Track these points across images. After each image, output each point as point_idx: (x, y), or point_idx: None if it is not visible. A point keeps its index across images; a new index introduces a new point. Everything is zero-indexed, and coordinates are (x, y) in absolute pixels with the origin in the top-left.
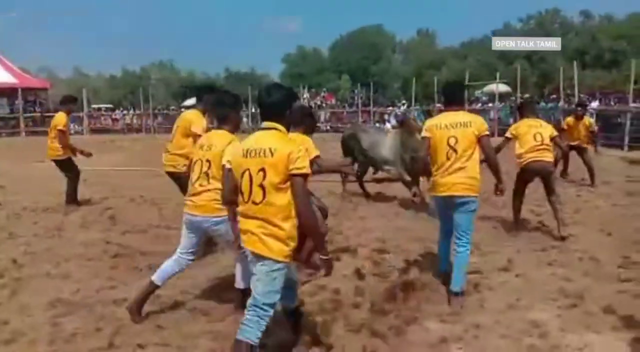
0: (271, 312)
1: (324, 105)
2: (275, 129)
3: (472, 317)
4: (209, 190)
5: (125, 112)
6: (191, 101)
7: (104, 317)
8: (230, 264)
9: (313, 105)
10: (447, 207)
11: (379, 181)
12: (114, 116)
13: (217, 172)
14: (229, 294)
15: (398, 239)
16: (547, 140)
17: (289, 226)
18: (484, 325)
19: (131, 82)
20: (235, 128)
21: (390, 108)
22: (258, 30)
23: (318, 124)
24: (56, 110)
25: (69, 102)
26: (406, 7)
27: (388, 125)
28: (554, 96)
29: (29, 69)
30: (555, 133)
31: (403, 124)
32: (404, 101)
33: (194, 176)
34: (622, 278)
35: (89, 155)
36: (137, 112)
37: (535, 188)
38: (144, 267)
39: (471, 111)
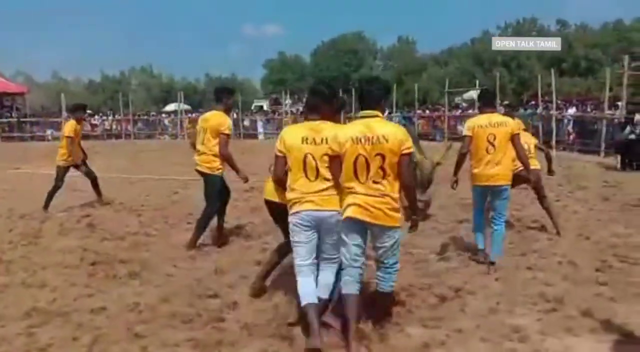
0: (397, 267)
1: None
2: (377, 116)
3: (454, 321)
4: (331, 186)
5: (104, 117)
6: (172, 106)
7: (81, 327)
8: (210, 270)
9: (295, 111)
10: (486, 195)
11: None
12: (93, 122)
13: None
14: (210, 301)
15: None
16: (532, 148)
17: (398, 198)
18: (465, 329)
19: (110, 87)
20: (328, 118)
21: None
22: (238, 36)
23: None
24: (33, 115)
25: (78, 110)
26: (386, 14)
27: None
28: (532, 103)
29: (5, 74)
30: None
31: None
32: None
33: (306, 171)
34: (600, 281)
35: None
36: (117, 117)
37: (515, 192)
38: (123, 275)
39: (451, 117)
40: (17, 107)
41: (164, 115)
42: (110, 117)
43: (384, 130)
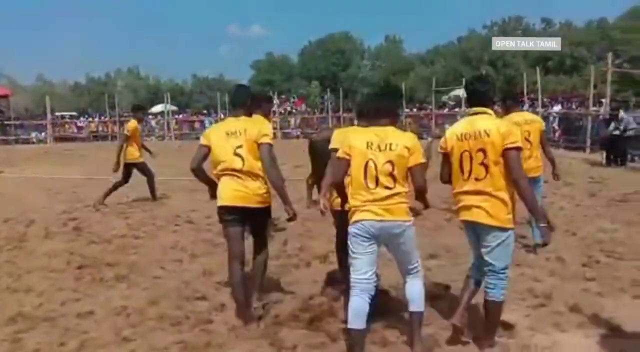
0: (508, 272)
1: (294, 111)
2: (485, 112)
3: (443, 319)
4: (397, 193)
5: (90, 119)
6: (159, 108)
7: (68, 331)
8: (198, 272)
9: (283, 111)
10: None
11: None
12: (78, 124)
13: (402, 173)
14: (198, 303)
15: None
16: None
17: (508, 195)
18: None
19: (96, 89)
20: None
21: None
22: (224, 37)
23: (288, 130)
24: (17, 118)
25: (137, 110)
26: (373, 14)
27: None
28: (520, 100)
29: None
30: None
31: None
32: None
33: (367, 177)
34: (587, 277)
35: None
36: (103, 119)
37: None
38: (110, 278)
39: (438, 116)
40: (1, 110)
41: (150, 116)
42: (96, 119)
43: (485, 125)
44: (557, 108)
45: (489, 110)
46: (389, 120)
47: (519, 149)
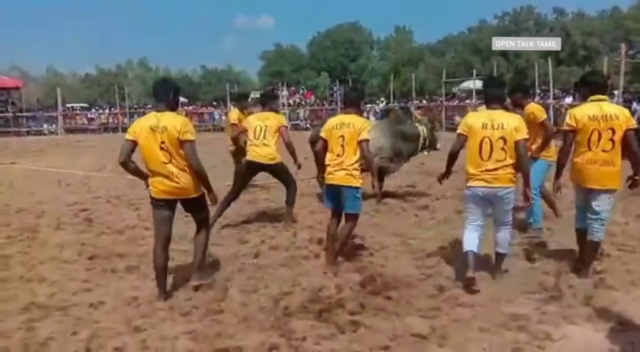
0: (608, 218)
1: (303, 102)
2: (605, 100)
3: (452, 312)
4: (505, 165)
5: (100, 111)
6: None
7: (80, 321)
8: (207, 263)
9: (292, 103)
10: None
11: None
12: (89, 115)
13: (511, 147)
14: (208, 293)
15: (377, 235)
16: None
17: (619, 165)
18: (463, 319)
19: (106, 81)
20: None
21: (369, 105)
22: (232, 28)
23: (297, 122)
24: (28, 110)
25: (240, 99)
26: (382, 3)
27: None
28: (530, 92)
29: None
30: None
31: (389, 114)
32: (382, 98)
33: (482, 152)
34: (598, 270)
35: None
36: (114, 111)
37: None
38: (121, 269)
39: (449, 107)
40: (13, 101)
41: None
42: (107, 111)
43: (612, 110)
44: (568, 100)
45: (606, 97)
46: (499, 105)
47: (526, 140)
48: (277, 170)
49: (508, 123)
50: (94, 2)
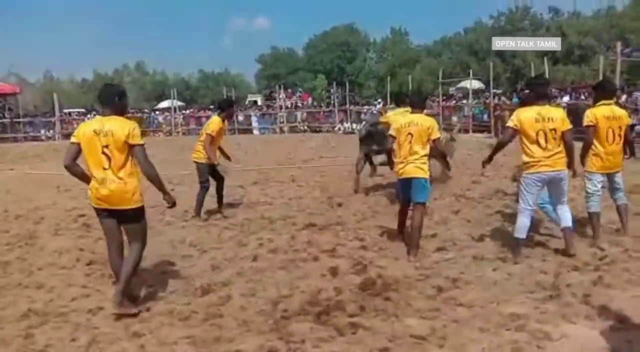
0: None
1: (300, 105)
2: (612, 103)
3: (451, 312)
4: (559, 151)
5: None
6: (165, 103)
7: (79, 327)
8: (206, 267)
9: (289, 105)
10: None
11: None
12: (86, 120)
13: (560, 137)
14: (207, 298)
15: (376, 236)
16: None
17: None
18: (462, 320)
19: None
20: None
21: (366, 107)
22: (229, 31)
23: (295, 124)
24: (26, 116)
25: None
26: (377, 5)
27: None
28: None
29: None
30: None
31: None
32: (379, 100)
33: (539, 142)
34: (596, 269)
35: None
36: None
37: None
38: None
39: (446, 108)
40: (10, 107)
41: (157, 112)
42: None
43: (621, 112)
44: (566, 99)
45: (613, 102)
46: (546, 101)
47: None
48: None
49: (557, 116)
50: (91, 8)
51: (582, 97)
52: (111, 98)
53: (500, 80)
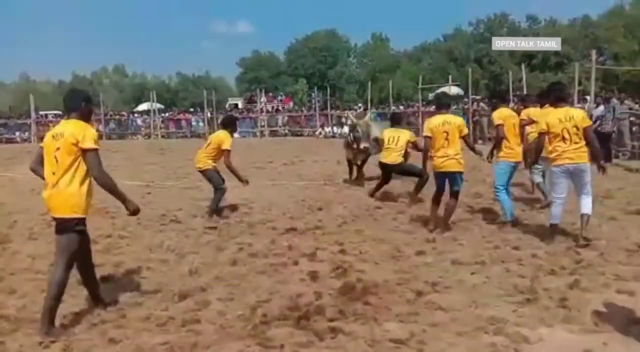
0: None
1: (281, 109)
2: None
3: (430, 316)
4: (582, 146)
5: None
6: (145, 106)
7: (52, 333)
8: (184, 272)
9: (270, 109)
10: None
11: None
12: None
13: (582, 133)
14: (185, 303)
15: (356, 241)
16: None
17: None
18: (441, 324)
19: (81, 88)
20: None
21: (347, 111)
22: (210, 34)
23: (276, 128)
24: (0, 117)
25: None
26: (358, 11)
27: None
28: (507, 98)
29: None
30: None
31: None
32: (360, 104)
33: (564, 139)
34: (572, 272)
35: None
36: None
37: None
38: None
39: (425, 113)
40: None
41: (136, 115)
42: None
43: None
44: None
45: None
46: (565, 103)
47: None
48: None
49: (577, 115)
50: (69, 9)
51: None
52: (77, 103)
53: (479, 87)
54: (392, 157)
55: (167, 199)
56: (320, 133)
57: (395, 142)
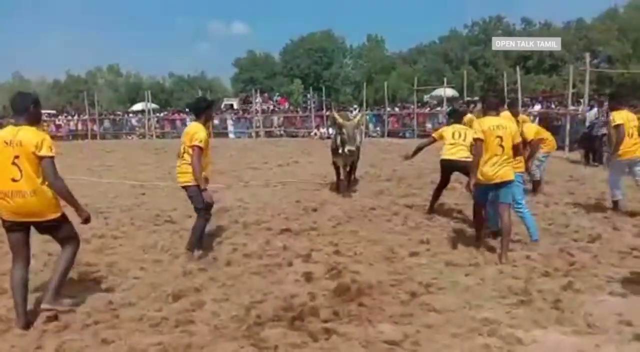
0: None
1: (277, 109)
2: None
3: (424, 317)
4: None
5: (69, 117)
6: (139, 106)
7: (45, 334)
8: (178, 272)
9: (266, 109)
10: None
11: None
12: (57, 122)
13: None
14: (178, 303)
15: (351, 242)
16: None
17: None
18: (435, 325)
19: (76, 87)
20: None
21: (333, 111)
22: (205, 34)
23: (271, 129)
24: None
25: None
26: (354, 12)
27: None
28: (461, 102)
29: None
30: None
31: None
32: (355, 106)
33: (629, 136)
34: (565, 274)
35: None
36: (82, 117)
37: None
38: (89, 279)
39: (420, 115)
40: None
41: (131, 114)
42: (76, 118)
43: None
44: (537, 107)
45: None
46: (627, 107)
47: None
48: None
49: (634, 118)
50: (63, 8)
51: (553, 105)
52: (25, 107)
53: (473, 88)
54: (462, 153)
55: (161, 199)
56: (315, 134)
57: (463, 137)
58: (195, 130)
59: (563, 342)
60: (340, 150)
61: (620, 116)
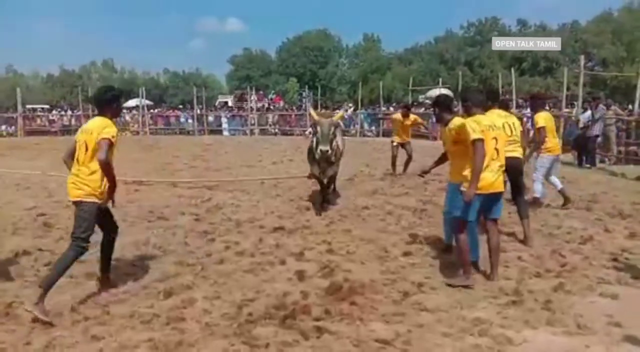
0: None
1: (272, 107)
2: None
3: (416, 317)
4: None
5: (62, 112)
6: (134, 102)
7: (34, 330)
8: (170, 269)
9: (261, 107)
10: None
11: None
12: (50, 117)
13: None
14: (169, 300)
15: (344, 241)
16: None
17: None
18: (427, 324)
19: (70, 82)
20: None
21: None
22: (201, 31)
23: (266, 126)
24: None
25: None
26: (351, 11)
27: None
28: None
29: None
30: None
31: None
32: (350, 105)
33: None
34: (556, 275)
35: None
36: (76, 112)
37: None
38: (80, 275)
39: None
40: None
41: (125, 110)
42: (69, 113)
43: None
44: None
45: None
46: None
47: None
48: None
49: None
50: (57, 1)
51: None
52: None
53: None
54: (518, 151)
55: (154, 195)
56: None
57: (514, 129)
58: (104, 124)
59: (553, 343)
60: (315, 151)
61: (543, 118)
